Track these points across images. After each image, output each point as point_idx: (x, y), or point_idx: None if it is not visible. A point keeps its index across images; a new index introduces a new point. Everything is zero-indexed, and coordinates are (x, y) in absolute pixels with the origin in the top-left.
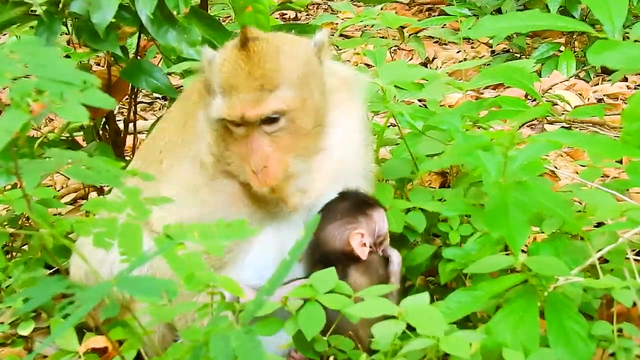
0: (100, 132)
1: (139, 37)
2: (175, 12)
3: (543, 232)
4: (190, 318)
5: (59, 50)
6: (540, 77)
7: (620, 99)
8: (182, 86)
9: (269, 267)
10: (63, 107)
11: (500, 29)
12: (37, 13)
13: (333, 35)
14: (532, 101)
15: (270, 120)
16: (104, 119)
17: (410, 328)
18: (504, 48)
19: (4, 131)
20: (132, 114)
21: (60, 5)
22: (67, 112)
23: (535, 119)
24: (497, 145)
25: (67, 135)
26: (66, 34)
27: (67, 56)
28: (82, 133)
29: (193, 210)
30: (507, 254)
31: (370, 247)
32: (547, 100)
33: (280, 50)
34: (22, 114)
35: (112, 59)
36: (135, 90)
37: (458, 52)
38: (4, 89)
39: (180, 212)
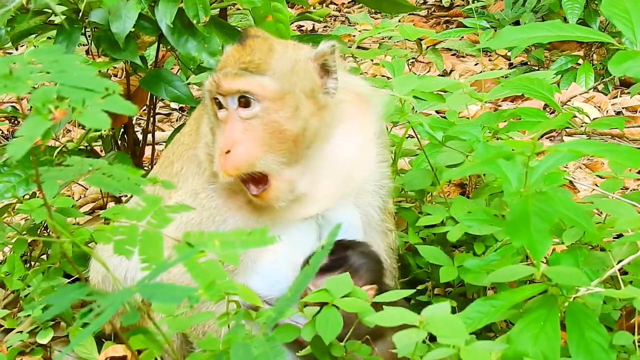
0: (119, 142)
1: (158, 47)
2: (195, 22)
3: (563, 243)
4: (202, 329)
5: (81, 57)
6: (559, 89)
7: (639, 112)
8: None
9: (281, 277)
10: (84, 113)
11: (521, 39)
12: (55, 22)
13: (350, 47)
14: (550, 113)
15: (244, 102)
16: (122, 129)
17: (429, 338)
18: (522, 61)
19: (25, 138)
20: (150, 124)
21: (80, 14)
22: (89, 118)
23: (554, 130)
24: (518, 154)
25: (86, 144)
26: (84, 44)
27: None
28: (100, 143)
29: (193, 214)
30: (527, 264)
31: None
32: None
33: (273, 48)
34: (44, 120)
35: (131, 68)
36: (154, 100)
37: (476, 64)
38: (21, 99)
39: (181, 217)
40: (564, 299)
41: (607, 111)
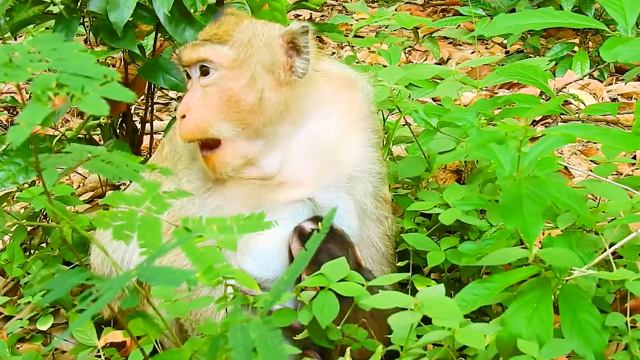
0: (118, 130)
1: (156, 36)
2: (192, 11)
3: (557, 228)
4: (195, 316)
5: (80, 45)
6: (555, 76)
7: (634, 98)
8: None
9: (274, 259)
10: (83, 100)
11: (515, 26)
12: (54, 12)
13: (347, 35)
14: (545, 100)
15: (204, 71)
16: (121, 118)
17: (424, 321)
18: (518, 48)
19: (25, 125)
20: (148, 113)
21: (79, 4)
22: (88, 105)
23: (549, 117)
24: (510, 139)
25: (85, 133)
26: (81, 34)
27: None
28: (99, 132)
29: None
30: (521, 248)
31: None
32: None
33: (240, 23)
34: (43, 107)
35: (130, 57)
36: (153, 89)
37: (472, 52)
38: (20, 89)
39: None
40: (557, 282)
41: (602, 98)
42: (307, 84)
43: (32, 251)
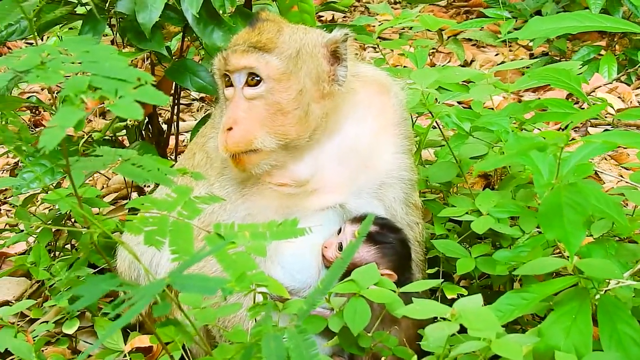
0: (143, 132)
1: (183, 37)
2: (221, 12)
3: (591, 235)
4: (222, 322)
5: (112, 47)
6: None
7: None
8: None
9: (303, 268)
10: (117, 104)
11: (549, 30)
12: (79, 13)
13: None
14: (575, 103)
15: (252, 81)
16: (146, 119)
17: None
18: (543, 51)
19: (58, 128)
20: (174, 114)
21: (107, 5)
22: (122, 109)
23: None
24: (550, 146)
25: (111, 135)
26: (106, 35)
27: None
28: (125, 133)
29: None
30: (556, 256)
31: None
32: (593, 103)
33: (281, 30)
34: (77, 110)
35: (156, 59)
36: (179, 90)
37: (496, 54)
38: (51, 91)
39: None
40: (596, 292)
41: (630, 102)
42: (345, 92)
43: (56, 253)
